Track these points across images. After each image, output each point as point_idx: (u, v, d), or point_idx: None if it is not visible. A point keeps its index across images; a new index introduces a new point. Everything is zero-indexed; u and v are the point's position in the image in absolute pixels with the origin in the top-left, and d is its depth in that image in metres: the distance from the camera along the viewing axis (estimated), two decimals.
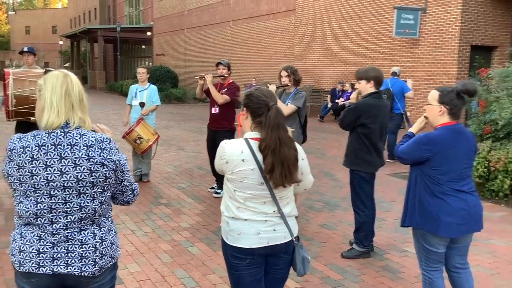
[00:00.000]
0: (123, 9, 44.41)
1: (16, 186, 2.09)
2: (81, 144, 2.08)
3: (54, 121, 2.06)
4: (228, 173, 2.51)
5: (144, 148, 7.05)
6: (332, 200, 6.86)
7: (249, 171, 2.46)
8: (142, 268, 4.39)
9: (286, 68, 5.69)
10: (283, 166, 2.43)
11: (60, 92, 2.09)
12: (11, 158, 2.07)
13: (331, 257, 4.76)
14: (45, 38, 67.30)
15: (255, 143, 2.48)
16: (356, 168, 4.70)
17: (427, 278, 3.28)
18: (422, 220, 3.16)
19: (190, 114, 19.28)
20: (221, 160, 2.52)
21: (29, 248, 2.08)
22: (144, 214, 6.03)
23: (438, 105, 3.12)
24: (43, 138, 2.06)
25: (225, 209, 2.60)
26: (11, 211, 6.01)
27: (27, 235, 2.10)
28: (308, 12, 19.98)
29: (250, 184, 2.47)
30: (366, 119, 4.54)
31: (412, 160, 3.21)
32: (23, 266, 2.08)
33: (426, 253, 3.23)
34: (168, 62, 32.36)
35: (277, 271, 2.65)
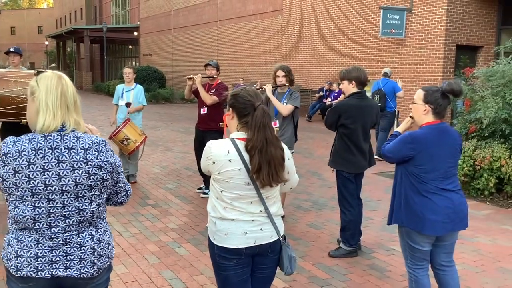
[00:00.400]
0: (109, 9, 44.13)
1: (11, 191, 2.04)
2: (78, 147, 2.05)
3: (50, 124, 2.03)
4: (214, 174, 2.51)
5: (131, 149, 7.02)
6: (319, 199, 6.88)
7: (235, 171, 2.46)
8: (129, 270, 4.36)
9: (283, 68, 5.64)
10: (270, 166, 2.44)
11: (56, 94, 2.05)
12: (6, 163, 2.01)
13: (319, 257, 4.77)
14: (30, 39, 66.70)
15: (241, 143, 2.48)
16: (339, 168, 4.75)
17: (413, 276, 3.31)
18: (408, 218, 3.19)
19: (177, 115, 19.22)
20: (208, 160, 2.51)
21: (27, 252, 2.05)
22: (131, 215, 6.00)
23: (423, 104, 3.16)
24: (39, 141, 2.02)
25: (211, 210, 2.59)
26: None
27: (24, 239, 2.07)
28: (295, 12, 20.02)
29: (236, 184, 2.47)
30: (346, 120, 4.58)
31: (397, 158, 3.24)
32: (20, 271, 2.05)
33: (411, 251, 3.25)
34: (155, 62, 32.22)
35: (264, 270, 2.65)
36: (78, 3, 50.54)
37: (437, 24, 14.12)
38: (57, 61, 47.21)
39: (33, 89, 2.09)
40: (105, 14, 44.85)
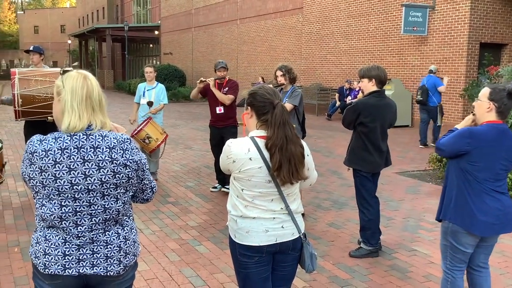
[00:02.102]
0: (130, 8, 44.52)
1: (38, 189, 2.05)
2: (104, 146, 2.05)
3: (76, 125, 2.03)
4: (235, 172, 2.51)
5: (153, 148, 7.06)
6: (340, 198, 6.84)
7: (256, 169, 2.46)
8: (149, 267, 4.39)
9: (281, 68, 5.78)
10: (290, 163, 2.45)
11: (81, 95, 2.05)
12: (32, 161, 2.03)
13: (339, 256, 4.74)
14: (53, 38, 67.66)
15: (261, 141, 2.48)
16: (355, 167, 4.73)
17: (450, 277, 3.26)
18: (458, 216, 3.13)
19: (197, 113, 19.30)
20: (228, 159, 2.51)
21: (55, 251, 2.07)
22: (151, 212, 6.04)
23: (488, 102, 3.09)
24: (65, 141, 2.03)
25: (232, 208, 2.59)
26: (19, 210, 6.06)
27: (51, 238, 2.09)
28: (315, 10, 19.91)
29: (257, 182, 2.47)
30: (364, 118, 4.54)
31: (450, 152, 3.17)
32: (48, 268, 2.08)
33: (453, 252, 3.20)
34: (176, 60, 32.40)
35: (285, 268, 2.66)
36: (100, 2, 51.11)
37: (460, 22, 13.91)
38: (79, 60, 47.78)
39: (59, 90, 2.09)
40: (126, 13, 45.26)
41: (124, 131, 2.28)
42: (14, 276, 4.16)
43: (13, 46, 74.77)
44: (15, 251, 4.72)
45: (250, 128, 2.60)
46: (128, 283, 2.26)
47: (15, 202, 6.38)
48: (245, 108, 2.62)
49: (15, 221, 5.61)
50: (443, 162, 7.58)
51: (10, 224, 5.53)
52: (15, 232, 5.25)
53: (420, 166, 8.95)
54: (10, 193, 6.79)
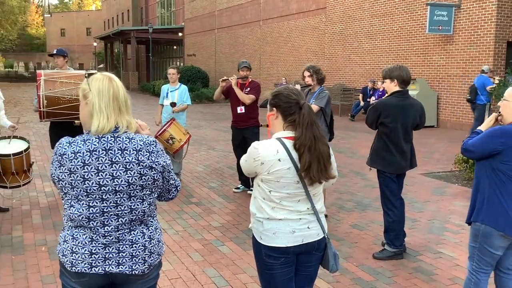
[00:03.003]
0: (155, 10, 45.00)
1: (67, 190, 2.10)
2: (131, 148, 2.09)
3: (104, 126, 2.07)
4: (263, 174, 2.49)
5: (176, 148, 7.11)
6: (363, 200, 6.78)
7: (285, 170, 2.46)
8: (173, 267, 4.43)
9: (308, 68, 5.74)
10: (319, 163, 2.46)
11: (108, 96, 2.09)
12: (62, 163, 2.07)
13: (363, 258, 4.70)
14: (79, 40, 68.80)
15: (289, 142, 2.48)
16: (376, 167, 4.70)
17: (475, 278, 3.21)
18: (490, 218, 3.07)
19: (220, 114, 19.39)
20: (255, 162, 2.49)
21: (82, 249, 2.12)
22: (175, 213, 6.10)
23: None
24: (93, 143, 2.07)
25: (257, 211, 2.59)
26: (47, 209, 6.18)
27: (79, 237, 2.13)
28: (338, 10, 19.81)
29: (286, 183, 2.47)
30: (385, 118, 4.51)
31: (481, 153, 3.11)
32: (75, 266, 2.12)
33: (481, 254, 3.15)
34: (199, 62, 32.63)
35: (308, 268, 2.67)
36: (125, 5, 51.79)
37: (487, 21, 13.66)
38: (105, 62, 48.50)
39: (85, 93, 2.13)
40: (151, 15, 45.76)
41: (148, 129, 2.32)
42: (42, 274, 4.24)
43: (40, 49, 76.35)
44: (42, 250, 4.81)
45: (275, 129, 2.59)
46: (152, 282, 2.30)
47: (42, 202, 6.51)
48: (270, 109, 2.60)
49: (42, 221, 5.72)
50: (469, 163, 7.45)
51: (38, 223, 5.64)
52: (43, 232, 5.36)
53: (446, 167, 8.82)
54: (37, 193, 6.94)
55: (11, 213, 6.01)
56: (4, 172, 5.74)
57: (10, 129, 6.19)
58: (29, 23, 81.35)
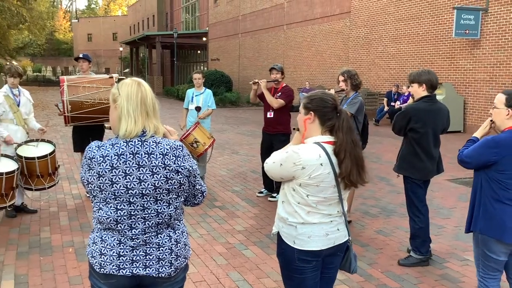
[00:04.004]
0: (180, 15, 45.46)
1: (96, 193, 2.14)
2: (157, 152, 2.12)
3: (132, 130, 2.10)
4: (303, 179, 2.47)
5: (200, 152, 7.16)
6: (388, 205, 6.71)
7: (325, 174, 2.46)
8: (198, 270, 4.46)
9: (343, 73, 5.62)
10: (358, 167, 2.50)
11: (136, 101, 2.13)
12: (91, 167, 2.11)
13: (388, 264, 4.65)
14: (106, 45, 69.89)
15: (329, 147, 2.49)
16: (405, 174, 4.61)
17: (483, 285, 3.22)
18: (487, 226, 3.09)
19: (244, 118, 19.44)
20: (295, 166, 2.46)
21: (110, 251, 2.16)
22: (199, 216, 6.13)
23: (506, 109, 3.06)
24: (121, 147, 2.10)
25: (289, 216, 2.57)
26: (74, 211, 6.29)
27: (107, 239, 2.17)
28: (363, 14, 19.69)
29: (324, 187, 2.48)
30: (415, 124, 4.45)
31: (476, 164, 3.14)
32: (103, 268, 2.16)
33: (485, 260, 3.16)
34: (223, 66, 32.80)
35: (331, 270, 2.70)
36: (151, 10, 52.45)
37: None
38: (130, 67, 49.11)
39: (115, 97, 2.18)
40: (175, 20, 46.25)
41: (176, 134, 2.35)
42: (69, 275, 4.32)
43: (67, 54, 77.78)
44: (69, 252, 4.90)
45: (311, 133, 2.57)
46: (179, 284, 2.32)
47: (69, 204, 6.62)
48: (305, 113, 2.58)
49: (69, 223, 5.82)
50: None
51: (65, 225, 5.74)
52: (70, 233, 5.45)
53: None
54: (65, 195, 7.06)
55: (39, 214, 6.13)
56: (29, 175, 5.87)
57: (39, 131, 6.32)
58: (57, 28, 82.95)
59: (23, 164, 5.76)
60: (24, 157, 5.78)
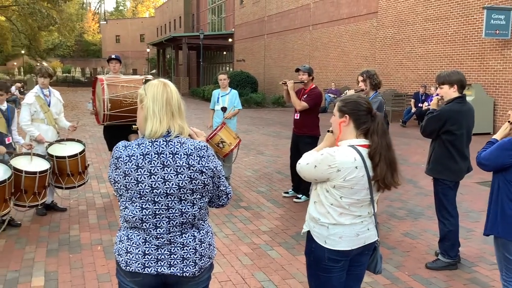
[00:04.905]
0: (206, 16, 45.76)
1: (122, 192, 2.18)
2: (182, 152, 2.14)
3: (157, 129, 2.13)
4: (337, 181, 2.48)
5: (226, 152, 7.20)
6: (415, 208, 6.62)
7: (360, 177, 2.48)
8: (223, 269, 4.48)
9: (362, 73, 5.65)
10: (392, 169, 2.53)
11: (161, 101, 2.15)
12: (118, 166, 2.15)
13: (415, 268, 4.59)
14: (133, 46, 70.77)
15: (364, 150, 2.51)
16: (439, 176, 4.52)
17: None
18: (505, 229, 3.07)
19: (269, 119, 19.44)
20: (330, 168, 2.47)
21: (135, 250, 2.19)
22: (225, 216, 6.16)
23: None
24: (147, 147, 2.13)
25: (321, 216, 2.59)
26: (102, 210, 6.39)
27: (133, 237, 2.20)
28: (390, 14, 19.48)
29: (358, 190, 2.50)
30: (451, 126, 4.36)
31: (494, 166, 3.10)
32: (129, 266, 2.19)
33: (507, 263, 3.13)
34: (248, 67, 32.88)
35: (358, 268, 2.72)
36: (177, 12, 52.93)
37: None
38: (157, 68, 49.65)
39: (142, 97, 2.21)
40: (202, 21, 46.57)
41: (203, 136, 2.36)
42: (97, 273, 4.39)
43: (96, 55, 79.13)
44: (98, 249, 4.98)
45: (345, 136, 2.58)
46: (204, 284, 2.33)
47: (98, 203, 6.74)
48: (340, 116, 2.59)
49: (98, 221, 5.93)
50: None
51: (94, 223, 5.84)
52: (98, 231, 5.55)
53: None
54: (93, 194, 7.19)
55: (69, 213, 6.26)
56: (60, 174, 5.99)
57: (69, 128, 6.45)
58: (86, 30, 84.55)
59: (54, 163, 5.89)
60: (55, 156, 5.91)
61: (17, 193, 5.41)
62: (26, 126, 6.03)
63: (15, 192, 5.38)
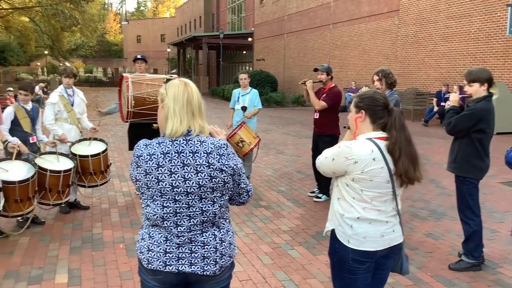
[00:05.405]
0: (226, 16, 45.88)
1: (143, 191, 2.20)
2: (202, 151, 2.14)
3: (177, 129, 2.14)
4: (355, 173, 2.48)
5: (246, 151, 7.21)
6: (438, 208, 6.54)
7: (379, 169, 2.47)
8: (244, 268, 4.49)
9: (378, 72, 5.62)
10: (414, 164, 2.50)
11: (182, 101, 2.17)
12: (139, 164, 2.17)
13: (438, 268, 4.53)
14: (154, 46, 71.32)
15: (381, 142, 2.50)
16: (466, 175, 4.44)
17: None
18: None
19: (289, 118, 19.40)
20: (348, 160, 2.48)
21: (157, 248, 2.21)
22: (245, 215, 6.17)
23: None
24: (167, 146, 2.15)
25: (345, 211, 2.57)
26: (124, 208, 6.46)
27: (155, 235, 2.22)
28: (412, 12, 19.26)
29: (378, 182, 2.49)
30: (484, 124, 4.28)
31: None
32: (151, 264, 2.21)
33: None
34: (268, 66, 32.87)
35: (383, 271, 2.69)
36: (197, 12, 53.17)
37: None
38: (177, 67, 49.97)
39: (163, 97, 2.23)
40: (221, 21, 46.70)
41: (224, 134, 2.37)
42: (120, 270, 4.44)
43: (117, 55, 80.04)
44: (120, 247, 5.04)
45: (362, 131, 2.59)
46: (225, 282, 2.34)
47: (120, 201, 6.81)
48: (356, 112, 2.60)
49: (120, 219, 5.99)
50: None
51: (116, 221, 5.91)
52: (120, 229, 5.61)
53: None
54: (115, 193, 7.27)
55: (91, 211, 6.34)
56: (83, 172, 6.07)
57: (91, 131, 6.54)
58: (108, 30, 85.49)
59: (77, 162, 5.97)
60: (78, 155, 5.99)
61: (42, 192, 5.51)
62: (50, 125, 6.13)
63: (40, 190, 5.48)
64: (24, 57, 55.26)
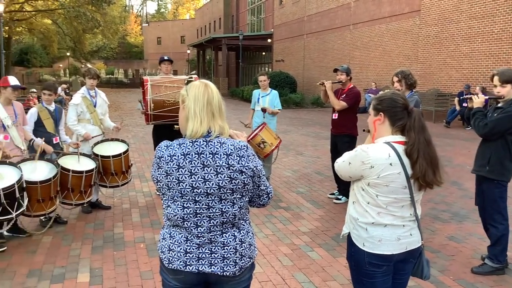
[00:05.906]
0: (245, 17, 45.96)
1: (164, 191, 2.23)
2: (221, 152, 2.15)
3: (198, 130, 2.16)
4: (371, 178, 2.44)
5: (267, 152, 7.20)
6: (460, 211, 6.45)
7: (396, 175, 2.42)
8: (263, 270, 4.49)
9: (397, 73, 5.57)
10: (433, 166, 2.43)
11: (202, 102, 2.18)
12: (160, 165, 2.20)
13: (460, 272, 4.47)
14: (174, 48, 71.77)
15: (400, 147, 2.45)
16: (500, 178, 4.33)
17: None
18: None
19: (308, 119, 19.35)
20: (364, 165, 2.44)
21: (177, 248, 2.23)
22: (264, 217, 6.17)
23: None
24: (187, 147, 2.17)
25: (360, 216, 2.55)
26: (145, 208, 6.52)
27: (175, 235, 2.24)
28: (434, 12, 19.04)
29: (395, 188, 2.44)
30: None
31: None
32: (171, 263, 2.23)
33: None
34: (287, 67, 32.82)
35: (402, 276, 2.64)
36: (217, 13, 53.39)
37: None
38: (197, 69, 50.23)
39: (183, 98, 2.25)
40: (241, 22, 46.81)
41: (244, 135, 2.37)
42: (141, 270, 4.48)
43: (138, 57, 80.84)
44: (141, 247, 5.08)
45: (381, 134, 2.55)
46: (245, 283, 2.34)
47: (140, 202, 6.87)
48: (375, 114, 2.56)
49: (141, 219, 6.05)
50: None
51: (137, 221, 5.97)
52: (141, 229, 5.66)
53: None
54: (136, 193, 7.34)
55: (113, 211, 6.41)
56: (104, 172, 6.15)
57: (114, 129, 6.62)
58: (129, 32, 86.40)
59: (99, 162, 6.05)
60: (100, 156, 6.07)
61: (64, 192, 5.59)
62: (72, 125, 6.23)
63: (62, 190, 5.56)
64: (47, 58, 56.16)
